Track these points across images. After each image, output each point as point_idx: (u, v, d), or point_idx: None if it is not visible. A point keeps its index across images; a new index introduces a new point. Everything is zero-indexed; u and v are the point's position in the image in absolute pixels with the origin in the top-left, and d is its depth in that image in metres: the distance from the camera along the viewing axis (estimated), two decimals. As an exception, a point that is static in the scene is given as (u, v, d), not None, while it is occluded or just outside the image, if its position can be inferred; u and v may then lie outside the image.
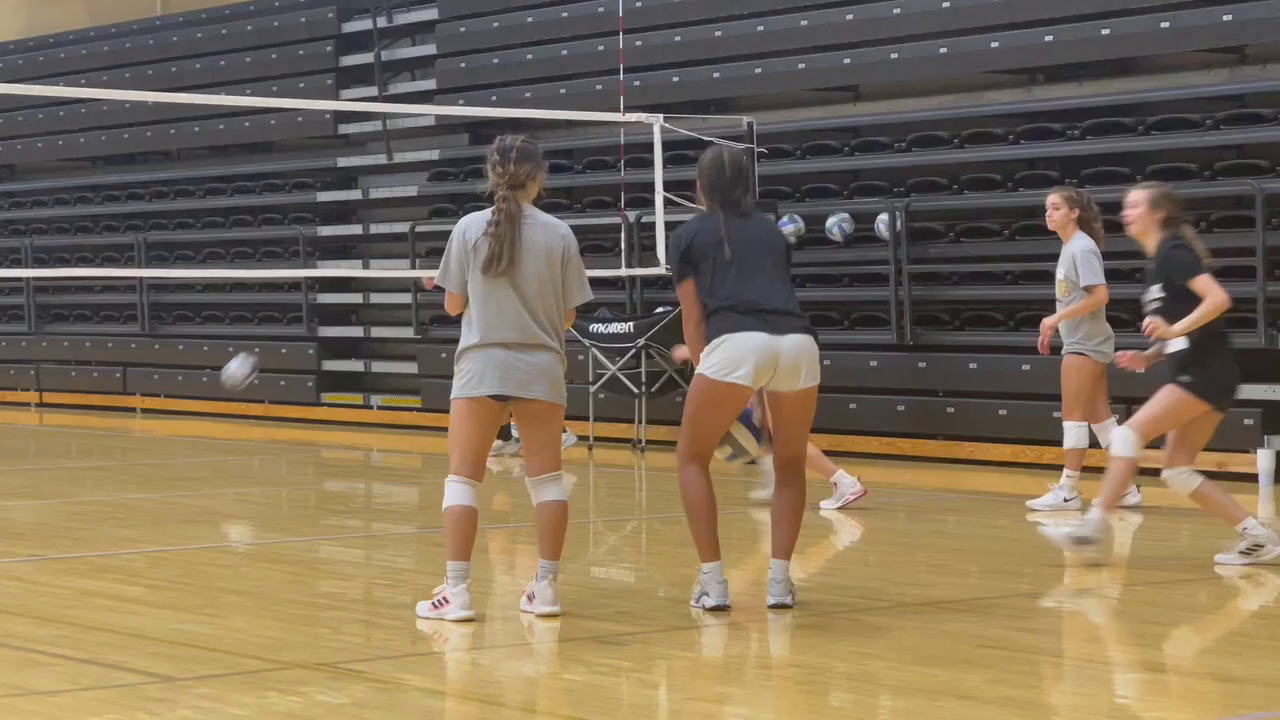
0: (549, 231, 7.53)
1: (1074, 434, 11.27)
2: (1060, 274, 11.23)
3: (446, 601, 7.45)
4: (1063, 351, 11.32)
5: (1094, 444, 11.39)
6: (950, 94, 15.63)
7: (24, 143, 23.62)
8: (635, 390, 15.42)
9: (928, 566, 9.36)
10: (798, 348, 7.53)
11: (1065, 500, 11.22)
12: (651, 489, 13.68)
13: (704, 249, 7.61)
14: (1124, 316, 12.13)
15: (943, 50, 15.20)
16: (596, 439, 15.70)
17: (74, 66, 23.09)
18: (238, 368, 11.26)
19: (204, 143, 21.73)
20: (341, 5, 20.61)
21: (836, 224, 14.96)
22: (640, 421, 15.58)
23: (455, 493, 7.48)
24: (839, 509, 11.20)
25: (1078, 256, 11.10)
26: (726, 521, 8.07)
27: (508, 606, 7.86)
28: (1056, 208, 11.30)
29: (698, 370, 7.61)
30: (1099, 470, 11.33)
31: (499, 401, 7.49)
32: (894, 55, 15.53)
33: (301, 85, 20.20)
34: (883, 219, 14.70)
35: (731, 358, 7.48)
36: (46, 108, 23.19)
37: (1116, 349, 10.94)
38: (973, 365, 14.31)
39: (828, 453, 14.57)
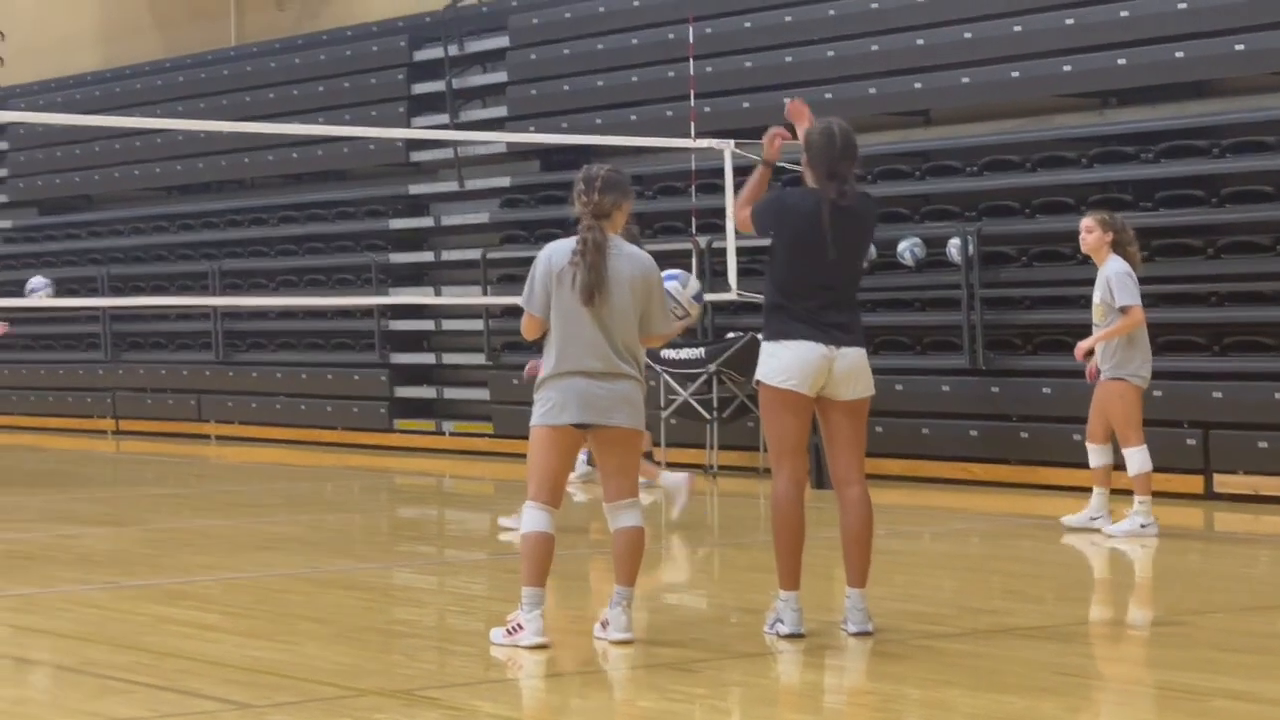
0: (633, 262, 7.57)
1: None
2: (1096, 297, 11.22)
3: (520, 628, 7.46)
4: (1101, 377, 11.27)
5: (1119, 465, 11.38)
6: (1022, 118, 15.57)
7: (101, 173, 23.85)
8: (707, 416, 15.41)
9: (1003, 592, 9.31)
10: (851, 361, 7.59)
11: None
12: (723, 514, 13.65)
13: (795, 228, 7.60)
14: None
15: (1014, 74, 15.15)
16: (668, 465, 15.69)
17: (150, 97, 23.30)
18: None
19: (277, 171, 21.88)
20: (413, 34, 20.73)
21: (908, 248, 14.93)
22: (712, 447, 15.57)
23: (533, 519, 7.50)
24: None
25: (1112, 279, 11.08)
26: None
27: (582, 633, 7.86)
28: (1090, 231, 11.28)
29: (756, 377, 7.68)
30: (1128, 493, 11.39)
31: (580, 429, 7.51)
32: (965, 79, 15.48)
33: (374, 113, 20.32)
34: (954, 243, 14.66)
35: (785, 363, 7.53)
36: (123, 138, 23.42)
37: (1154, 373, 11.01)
38: (1046, 390, 14.23)
39: (901, 478, 14.57)
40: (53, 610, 8.71)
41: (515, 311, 9.92)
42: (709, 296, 15.41)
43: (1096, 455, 11.40)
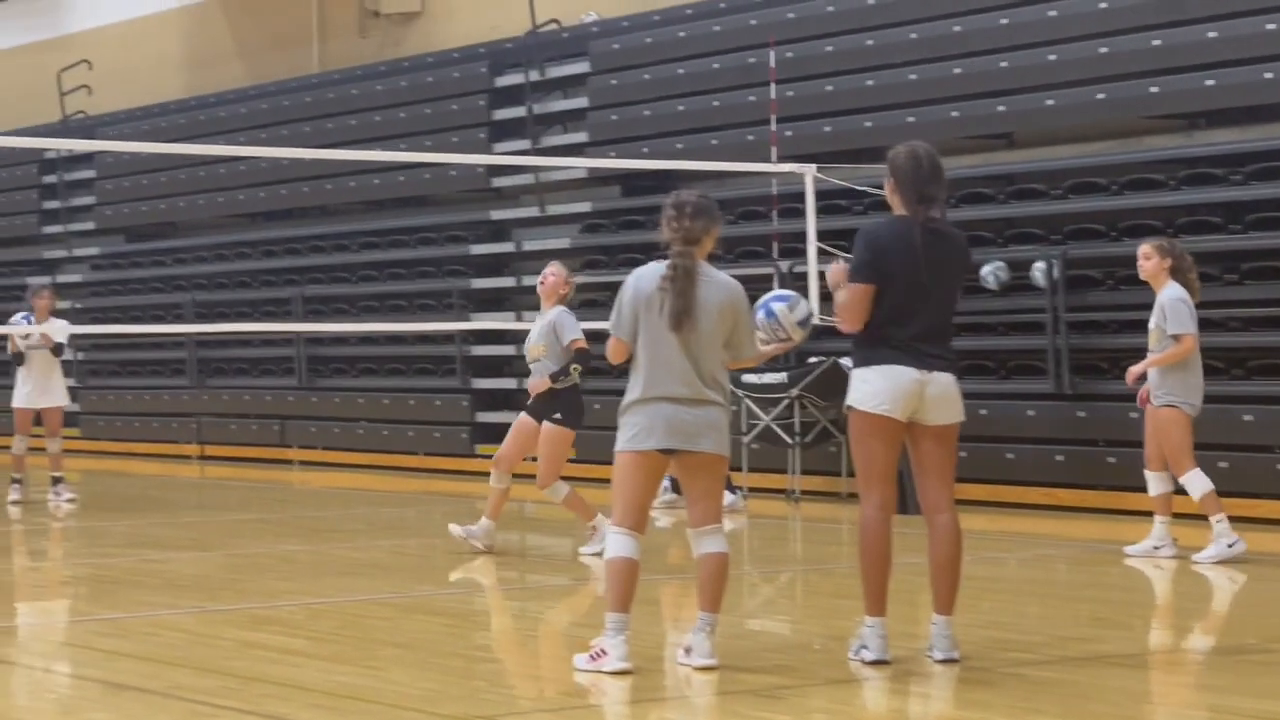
0: (722, 289, 7.56)
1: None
2: (1152, 323, 11.23)
3: (604, 653, 7.43)
4: (1153, 404, 11.25)
5: (1178, 491, 11.37)
6: (1108, 140, 15.44)
7: (185, 200, 24.06)
8: (789, 441, 15.35)
9: (1090, 619, 9.20)
10: (943, 386, 7.54)
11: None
12: (806, 540, 13.59)
13: (894, 263, 7.54)
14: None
15: (1100, 96, 15.04)
16: (750, 490, 15.64)
17: (233, 125, 23.50)
18: None
19: (359, 198, 22.00)
20: (494, 60, 20.80)
21: (991, 272, 14.82)
22: (794, 472, 15.51)
23: (618, 544, 7.48)
24: (598, 554, 11.23)
25: (1166, 305, 11.10)
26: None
27: (665, 659, 7.83)
28: (1148, 258, 11.32)
29: (847, 403, 7.63)
30: (1187, 517, 11.28)
31: (665, 454, 7.49)
32: (1050, 101, 15.38)
33: (455, 139, 20.40)
34: (1039, 267, 14.55)
35: (877, 389, 7.49)
36: (207, 165, 23.62)
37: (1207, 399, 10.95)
38: (1134, 414, 14.06)
39: (986, 503, 14.45)
40: (140, 634, 8.75)
41: (597, 336, 9.92)
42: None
43: (1155, 483, 11.38)
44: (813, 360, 15.56)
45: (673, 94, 18.55)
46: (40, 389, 15.92)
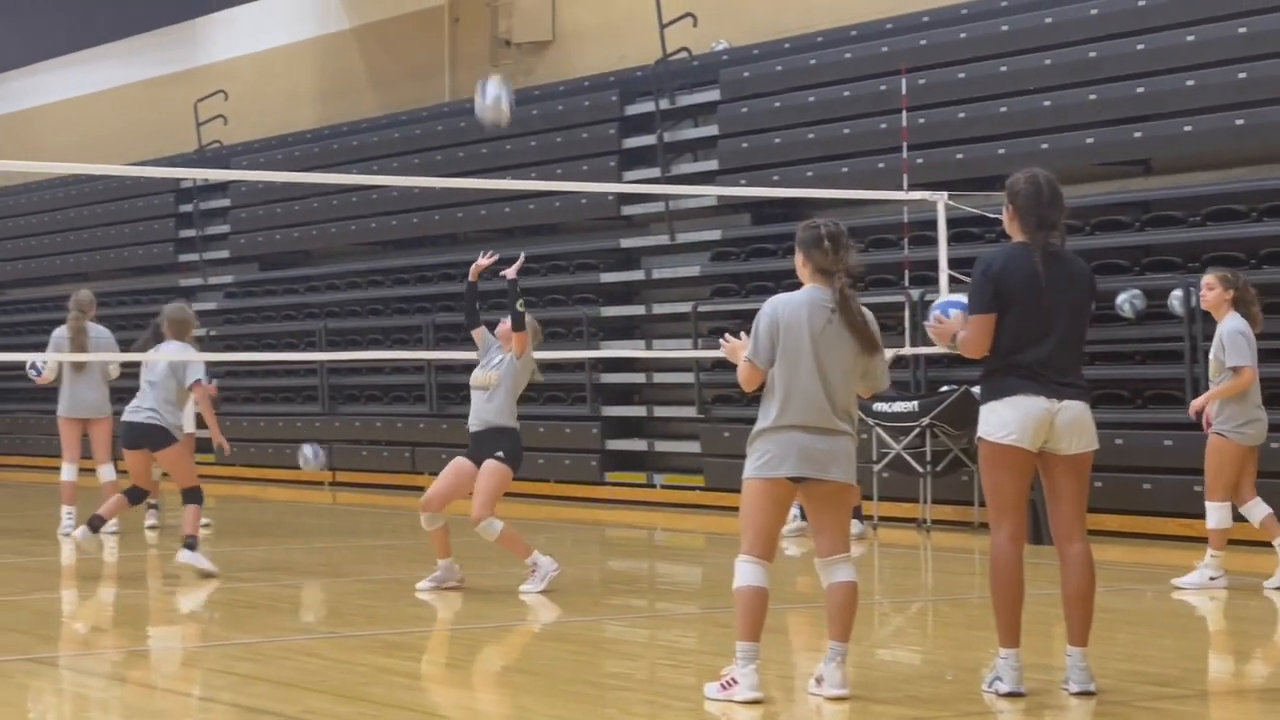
0: (871, 321, 7.64)
1: (1215, 514, 11.31)
2: (1212, 353, 11.31)
3: (735, 682, 7.40)
4: (1210, 431, 11.40)
5: (1238, 518, 11.51)
6: (1247, 166, 15.22)
7: (318, 228, 24.31)
8: (920, 469, 15.24)
9: (1229, 652, 9.05)
10: (1074, 414, 7.46)
11: (1211, 579, 11.27)
12: (937, 569, 13.47)
13: (1014, 289, 7.49)
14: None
15: (1239, 121, 14.82)
16: (881, 519, 15.54)
17: (365, 154, 23.72)
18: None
19: (490, 226, 22.13)
20: (625, 88, 20.86)
21: (1127, 300, 14.65)
22: (925, 501, 15.39)
23: (747, 573, 7.45)
24: (541, 592, 11.13)
25: (1225, 337, 11.20)
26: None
27: (796, 689, 7.78)
28: (1210, 288, 11.41)
29: (978, 434, 7.59)
30: (1244, 543, 11.22)
31: (794, 483, 7.47)
32: (1187, 128, 15.18)
33: (585, 168, 20.48)
34: (1176, 295, 14.35)
35: (1006, 418, 7.43)
36: (339, 194, 23.86)
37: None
38: (1276, 445, 13.83)
39: (1121, 534, 14.26)
40: (275, 659, 8.83)
41: (726, 365, 9.89)
42: (925, 350, 15.30)
43: (1217, 514, 11.47)
44: (944, 389, 15.44)
45: (803, 122, 18.51)
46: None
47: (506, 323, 11.54)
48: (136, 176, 24.60)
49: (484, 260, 11.65)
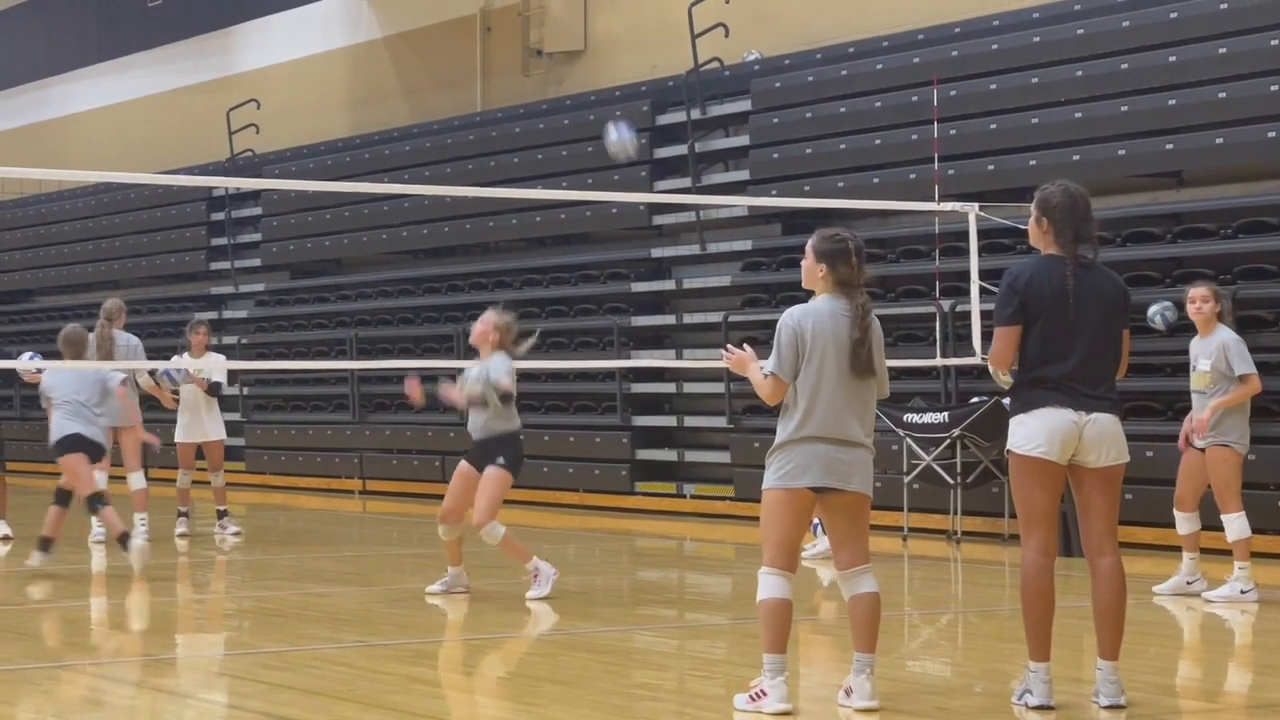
0: (880, 332, 7.64)
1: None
2: (1206, 365, 11.36)
3: (764, 694, 7.40)
4: (1200, 443, 11.43)
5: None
6: (1278, 178, 15.16)
7: (350, 237, 24.37)
8: (950, 481, 15.21)
9: (1259, 666, 9.01)
10: (1102, 427, 7.44)
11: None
12: (967, 581, 13.44)
13: (1042, 304, 7.48)
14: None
15: (1271, 134, 14.77)
16: (911, 530, 15.52)
17: (397, 163, 23.78)
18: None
19: (521, 235, 22.15)
20: (656, 98, 20.88)
21: (1159, 312, 14.58)
22: (955, 513, 15.36)
23: (770, 585, 7.45)
24: (545, 598, 11.28)
25: (1231, 347, 11.29)
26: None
27: (826, 700, 7.77)
28: (1205, 300, 11.48)
29: (1007, 446, 7.58)
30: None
31: (815, 494, 7.46)
32: (1219, 140, 15.14)
33: (616, 178, 20.49)
34: (1208, 307, 14.28)
35: (1033, 431, 7.43)
36: (371, 203, 23.92)
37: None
38: (1251, 458, 13.77)
39: (1153, 546, 14.21)
40: (304, 667, 8.84)
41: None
42: (955, 361, 15.27)
43: (1186, 523, 11.64)
44: (975, 400, 15.41)
45: (835, 132, 18.50)
46: (196, 423, 16.18)
47: (479, 325, 11.65)
48: (169, 184, 24.66)
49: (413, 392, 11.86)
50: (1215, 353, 11.32)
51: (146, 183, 25.58)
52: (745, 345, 7.78)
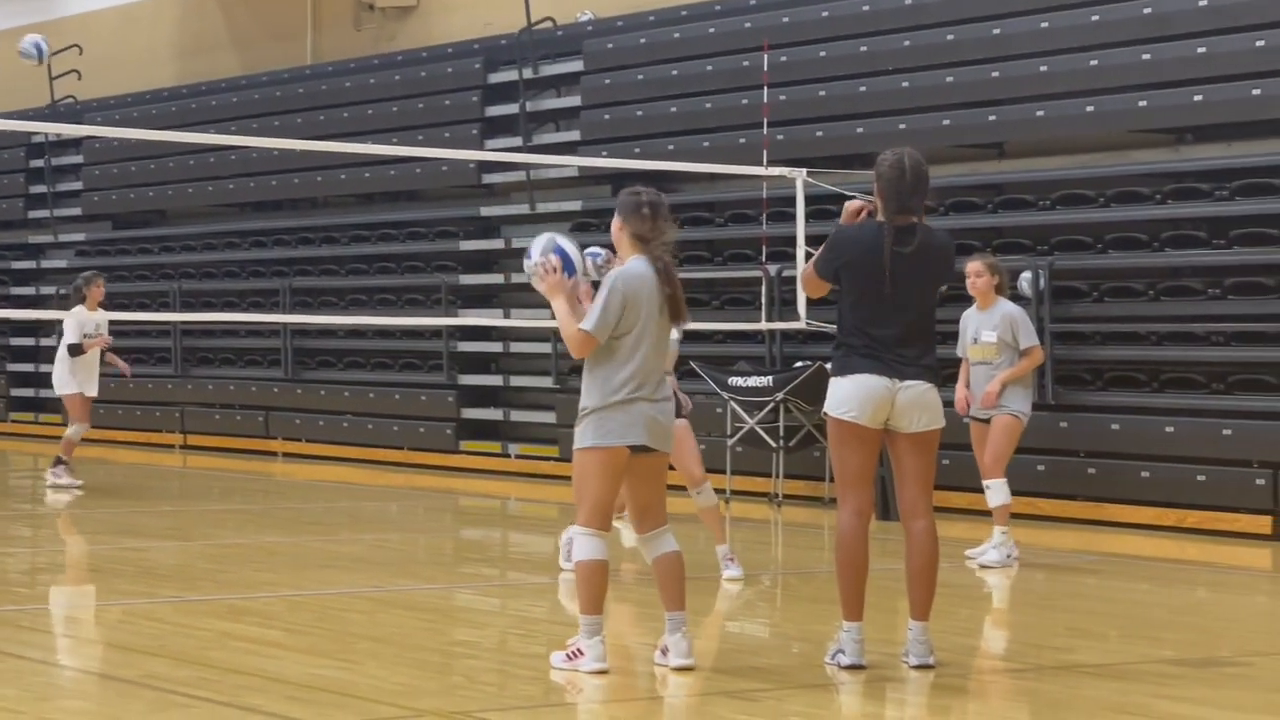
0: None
1: (1002, 491, 11.70)
2: (992, 336, 11.68)
3: (581, 653, 7.44)
4: (985, 413, 11.70)
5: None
6: (1096, 152, 15.48)
7: (175, 188, 24.03)
8: (773, 444, 15.38)
9: (1066, 629, 9.23)
10: (915, 394, 7.59)
11: (1008, 556, 11.55)
12: (787, 543, 13.61)
13: (856, 261, 7.59)
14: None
15: (1089, 109, 15.06)
16: (733, 493, 15.66)
17: (225, 114, 23.47)
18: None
19: (350, 190, 21.99)
20: (488, 56, 20.80)
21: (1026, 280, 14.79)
22: (778, 476, 15.53)
23: (589, 546, 7.49)
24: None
25: (1016, 319, 11.67)
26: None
27: (642, 659, 7.84)
28: (979, 275, 11.77)
29: (824, 409, 7.72)
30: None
31: (632, 453, 7.50)
32: (1040, 113, 15.41)
33: (447, 135, 20.40)
34: (1025, 277, 14.56)
35: (847, 394, 7.57)
36: (197, 154, 23.59)
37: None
38: (1115, 426, 14.12)
39: (967, 511, 14.48)
40: (116, 623, 8.75)
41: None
42: (780, 325, 15.41)
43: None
44: (799, 365, 15.58)
45: (665, 95, 18.56)
46: (89, 377, 16.28)
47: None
48: (-13, 130, 24.14)
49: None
50: (1001, 324, 11.65)
51: (-36, 128, 24.99)
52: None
